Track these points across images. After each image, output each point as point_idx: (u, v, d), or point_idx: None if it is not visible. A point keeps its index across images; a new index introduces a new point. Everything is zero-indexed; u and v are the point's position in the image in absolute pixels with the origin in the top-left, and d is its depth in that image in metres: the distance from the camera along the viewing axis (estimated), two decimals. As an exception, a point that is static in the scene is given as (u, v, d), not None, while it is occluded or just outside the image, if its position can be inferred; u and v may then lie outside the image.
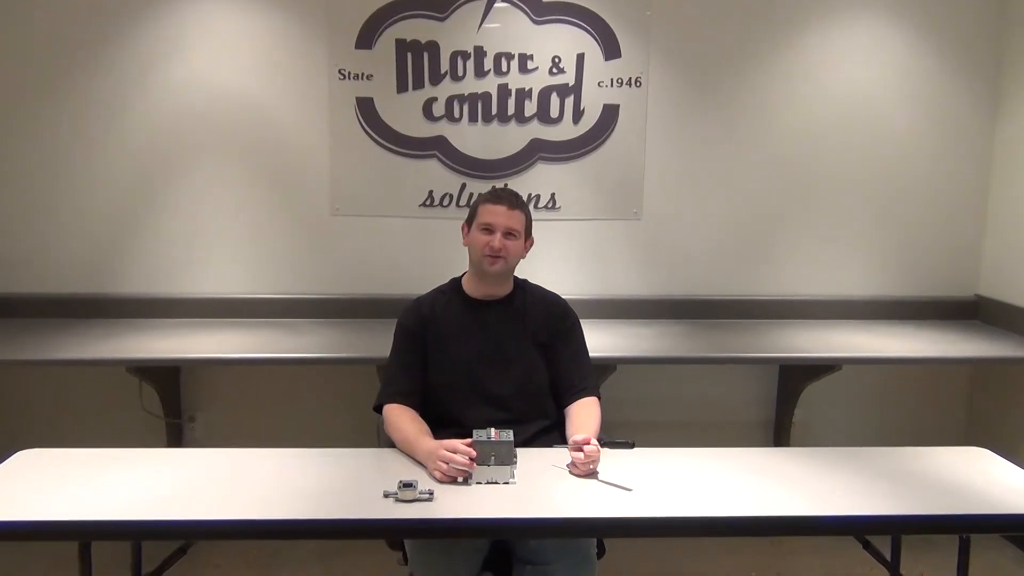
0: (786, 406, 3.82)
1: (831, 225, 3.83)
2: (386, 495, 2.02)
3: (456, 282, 2.59)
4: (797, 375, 3.72)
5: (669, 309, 3.79)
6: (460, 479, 2.10)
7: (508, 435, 2.15)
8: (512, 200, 2.47)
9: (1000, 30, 3.74)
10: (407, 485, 2.02)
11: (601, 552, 2.32)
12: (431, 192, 3.67)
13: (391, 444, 2.40)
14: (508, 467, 2.13)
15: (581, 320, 2.62)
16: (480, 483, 2.11)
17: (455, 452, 2.10)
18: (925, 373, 3.96)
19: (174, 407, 3.67)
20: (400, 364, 2.49)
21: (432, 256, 3.70)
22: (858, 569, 3.21)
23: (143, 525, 1.91)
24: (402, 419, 2.37)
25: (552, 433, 2.49)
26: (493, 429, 2.17)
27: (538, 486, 2.11)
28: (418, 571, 2.24)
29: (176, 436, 3.69)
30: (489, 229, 2.44)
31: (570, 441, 2.23)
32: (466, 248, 2.53)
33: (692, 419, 3.89)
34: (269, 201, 3.65)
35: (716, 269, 3.82)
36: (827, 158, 3.78)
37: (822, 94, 3.73)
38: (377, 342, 3.32)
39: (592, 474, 2.17)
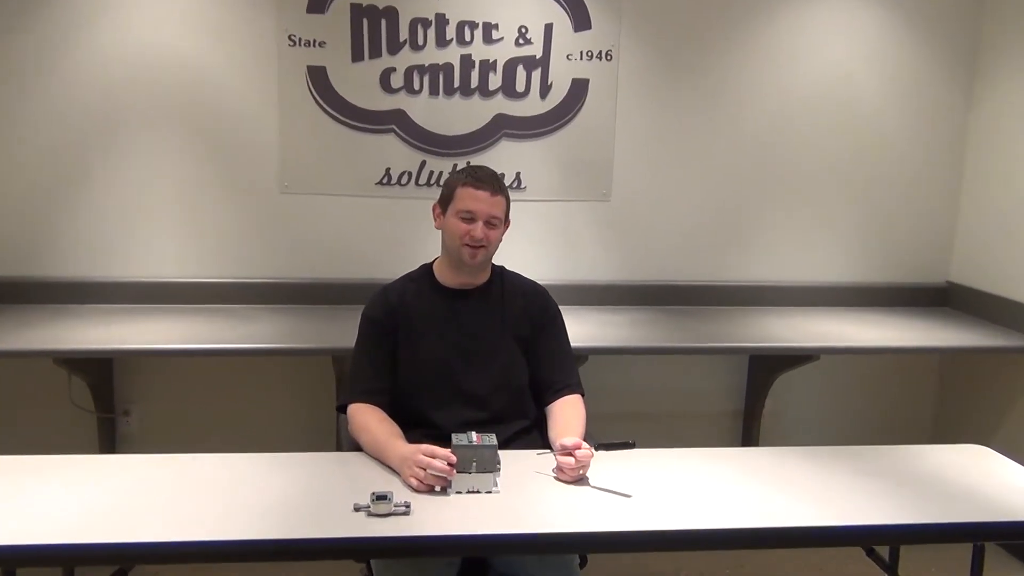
0: (757, 396, 3.69)
1: (804, 209, 3.71)
2: (357, 509, 1.80)
3: (427, 269, 2.36)
4: (768, 365, 3.59)
5: (639, 295, 3.63)
6: (438, 488, 1.89)
7: (491, 439, 1.94)
8: (495, 184, 2.24)
9: (977, 13, 3.64)
10: (381, 497, 1.80)
11: (583, 562, 2.14)
12: (388, 170, 3.42)
13: (356, 447, 2.18)
14: (491, 475, 1.93)
15: (547, 307, 2.41)
16: (460, 492, 1.91)
17: (433, 457, 1.89)
18: (895, 361, 3.87)
19: (106, 401, 3.38)
20: (367, 360, 2.26)
21: (390, 238, 3.46)
22: (851, 567, 3.11)
23: (75, 550, 1.65)
24: (370, 420, 2.15)
25: (532, 433, 2.29)
26: (474, 432, 1.96)
27: (525, 495, 1.91)
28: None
29: (109, 432, 3.40)
30: (470, 217, 2.22)
31: (556, 445, 2.04)
32: (435, 231, 2.30)
33: (660, 410, 3.74)
34: (212, 177, 3.36)
35: (686, 254, 3.67)
36: (801, 139, 3.65)
37: (797, 74, 3.59)
38: (332, 331, 3.10)
39: (581, 480, 1.98)
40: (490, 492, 1.92)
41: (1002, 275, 3.57)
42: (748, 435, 3.76)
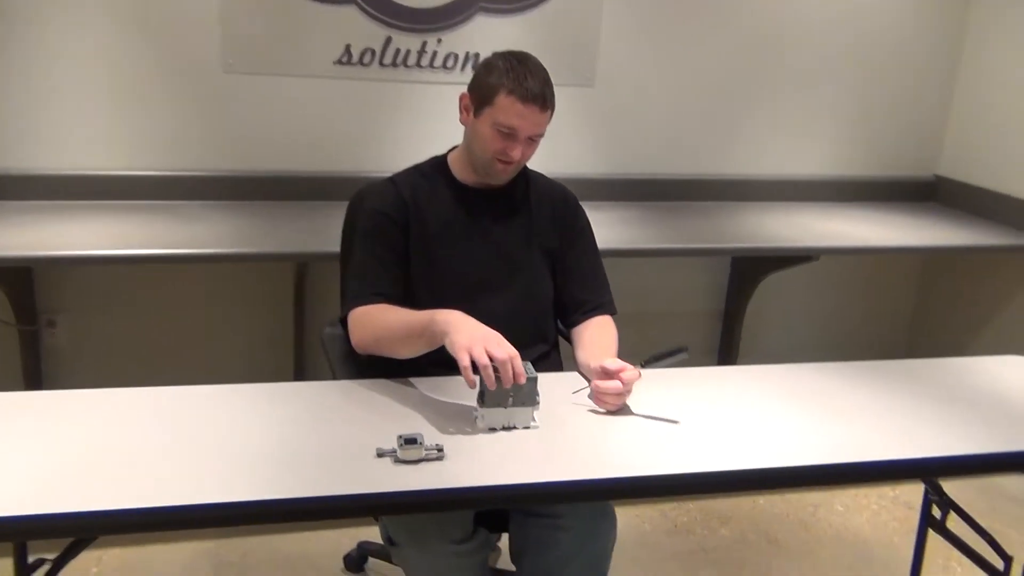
0: (740, 297, 3.51)
1: (794, 99, 3.47)
2: (381, 454, 1.52)
3: (440, 163, 2.01)
4: (752, 267, 3.41)
5: (620, 190, 3.35)
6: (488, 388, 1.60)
7: (529, 369, 1.66)
8: (546, 97, 1.84)
9: None
10: (410, 441, 1.52)
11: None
12: (348, 47, 3.00)
13: (349, 373, 1.88)
14: (530, 408, 1.66)
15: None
16: (495, 429, 1.64)
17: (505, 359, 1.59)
18: (876, 259, 3.73)
19: (27, 311, 2.95)
20: (377, 260, 1.91)
21: (351, 125, 3.07)
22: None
23: (24, 523, 1.31)
24: (389, 311, 1.83)
25: (551, 358, 2.02)
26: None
27: (567, 431, 1.66)
28: (398, 531, 1.77)
29: (32, 346, 2.98)
30: (510, 134, 1.85)
31: (593, 368, 1.78)
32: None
33: (639, 309, 3.51)
34: (143, 53, 2.88)
35: (672, 145, 3.40)
36: (794, 29, 3.37)
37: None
38: (291, 232, 2.73)
39: (623, 408, 1.74)
40: (527, 428, 1.66)
41: (991, 168, 3.44)
42: (728, 338, 3.60)
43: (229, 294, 3.13)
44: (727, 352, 3.59)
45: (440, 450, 1.53)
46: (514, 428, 1.65)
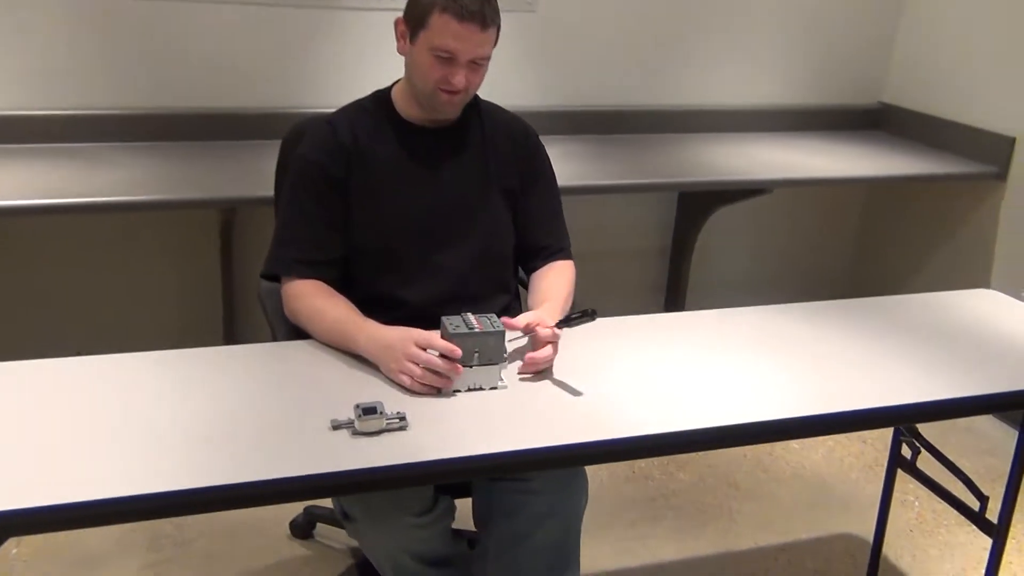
0: (687, 233, 3.40)
1: (739, 25, 3.33)
2: (336, 426, 1.36)
3: (384, 99, 1.81)
4: (699, 202, 3.30)
5: (565, 123, 3.19)
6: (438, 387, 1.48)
7: (494, 323, 1.52)
8: (485, 15, 1.63)
9: None
10: (369, 410, 1.36)
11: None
12: (271, -31, 2.75)
13: (294, 332, 1.70)
14: (496, 367, 1.52)
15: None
16: (459, 391, 1.50)
17: (429, 341, 1.47)
18: (822, 190, 3.66)
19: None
20: (306, 220, 1.73)
21: (282, 56, 2.82)
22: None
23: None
24: (321, 300, 1.67)
25: (511, 310, 1.87)
26: (471, 315, 1.53)
27: (536, 391, 1.52)
28: (353, 506, 1.63)
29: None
30: (449, 58, 1.65)
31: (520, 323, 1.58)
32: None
33: (582, 249, 3.38)
34: (34, -23, 2.59)
35: (614, 75, 3.24)
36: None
37: None
38: (215, 175, 2.51)
39: (545, 372, 1.57)
40: (495, 388, 1.52)
41: (938, 94, 3.37)
42: (675, 274, 3.50)
43: (147, 247, 2.89)
44: (675, 289, 3.50)
45: (402, 419, 1.38)
46: (480, 389, 1.51)
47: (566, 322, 1.55)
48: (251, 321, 2.86)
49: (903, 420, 1.86)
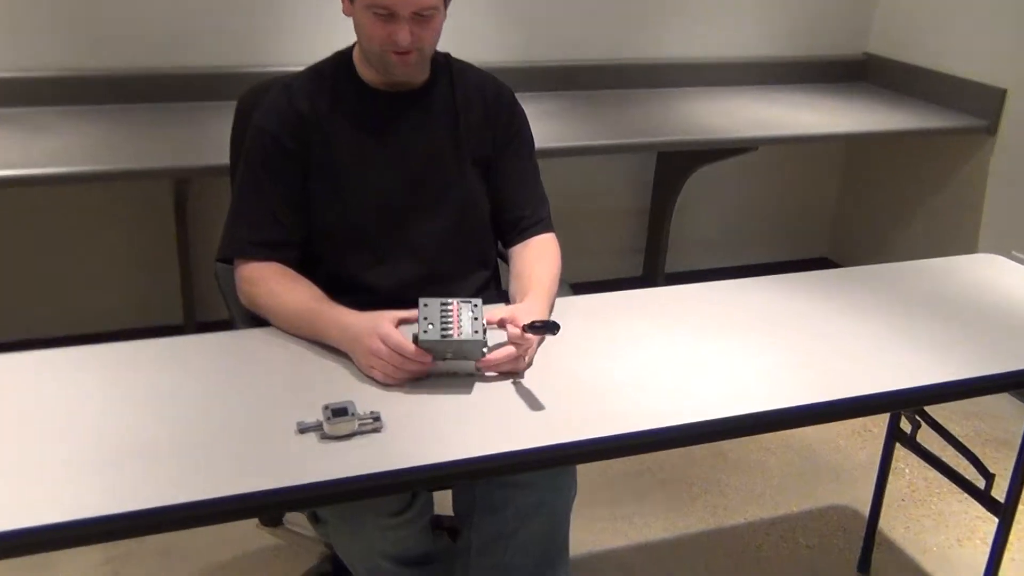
0: (666, 193, 3.28)
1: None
2: (303, 429, 1.23)
3: (343, 60, 1.64)
4: (681, 160, 3.17)
5: (536, 79, 3.03)
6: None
7: (472, 325, 1.36)
8: None
9: None
10: (339, 412, 1.23)
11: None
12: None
13: (254, 320, 1.56)
14: (471, 362, 1.38)
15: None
16: (432, 375, 1.37)
17: (399, 347, 1.32)
18: (802, 146, 3.54)
19: None
20: (260, 197, 1.58)
21: (236, 7, 2.63)
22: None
23: None
24: (280, 282, 1.52)
25: (490, 288, 1.74)
26: (453, 302, 1.39)
27: (521, 381, 1.39)
28: (323, 508, 1.51)
29: None
30: (389, 14, 1.47)
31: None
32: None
33: (555, 210, 3.26)
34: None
35: (591, 26, 3.08)
36: None
37: None
38: (166, 142, 2.34)
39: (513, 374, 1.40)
40: (471, 375, 1.39)
41: (923, 44, 3.25)
42: (656, 238, 3.38)
43: (96, 221, 2.71)
44: (654, 251, 3.38)
45: (376, 419, 1.25)
46: (455, 375, 1.38)
47: (530, 327, 1.36)
48: (212, 296, 2.70)
49: (913, 403, 1.75)
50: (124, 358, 1.39)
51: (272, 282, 1.52)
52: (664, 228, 3.32)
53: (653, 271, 3.39)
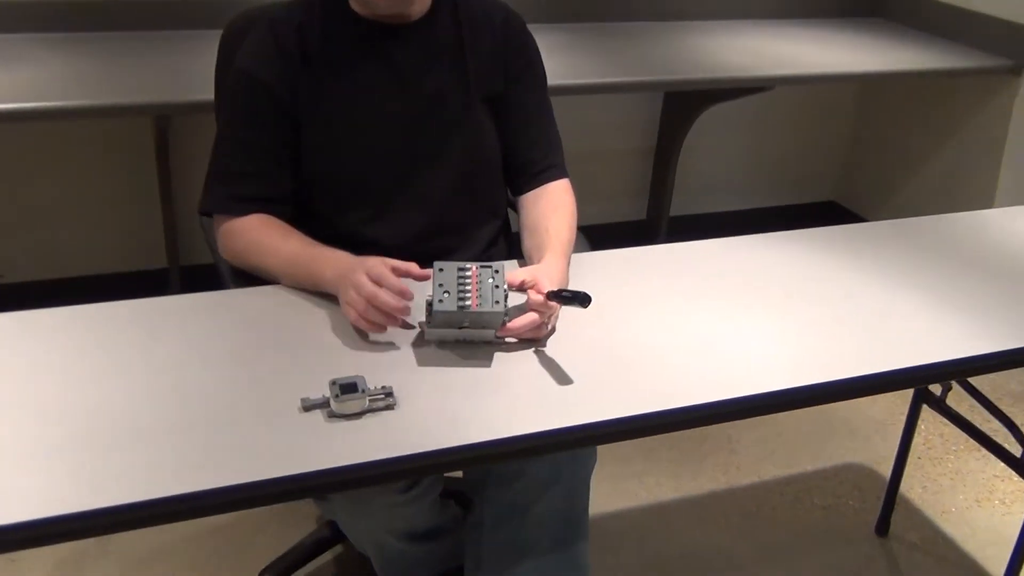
0: (673, 134, 3.13)
1: None
2: (308, 407, 1.10)
3: (333, -10, 1.48)
4: (689, 100, 3.02)
5: (538, 9, 2.85)
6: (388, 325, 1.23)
7: (494, 294, 1.21)
8: None
9: None
10: (348, 388, 1.10)
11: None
12: None
13: (243, 278, 1.43)
14: (491, 331, 1.25)
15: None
16: (447, 343, 1.25)
17: (381, 278, 1.21)
18: (811, 86, 3.39)
19: None
20: (244, 147, 1.43)
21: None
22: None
23: None
24: (267, 232, 1.39)
25: (499, 244, 1.60)
26: (472, 266, 1.25)
27: (544, 350, 1.27)
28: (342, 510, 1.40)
29: None
30: None
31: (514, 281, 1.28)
32: None
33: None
34: None
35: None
36: None
37: None
38: (145, 75, 2.17)
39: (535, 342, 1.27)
40: (489, 344, 1.26)
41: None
42: (660, 179, 3.24)
43: (71, 160, 2.54)
44: (659, 194, 3.24)
45: (389, 394, 1.12)
46: (471, 342, 1.25)
47: (557, 295, 1.24)
48: (198, 238, 2.56)
49: (958, 375, 1.64)
50: (98, 322, 1.25)
51: (258, 232, 1.40)
52: (670, 170, 3.17)
53: (657, 215, 3.25)
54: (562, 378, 1.20)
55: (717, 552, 2.03)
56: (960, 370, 1.41)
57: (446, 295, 1.20)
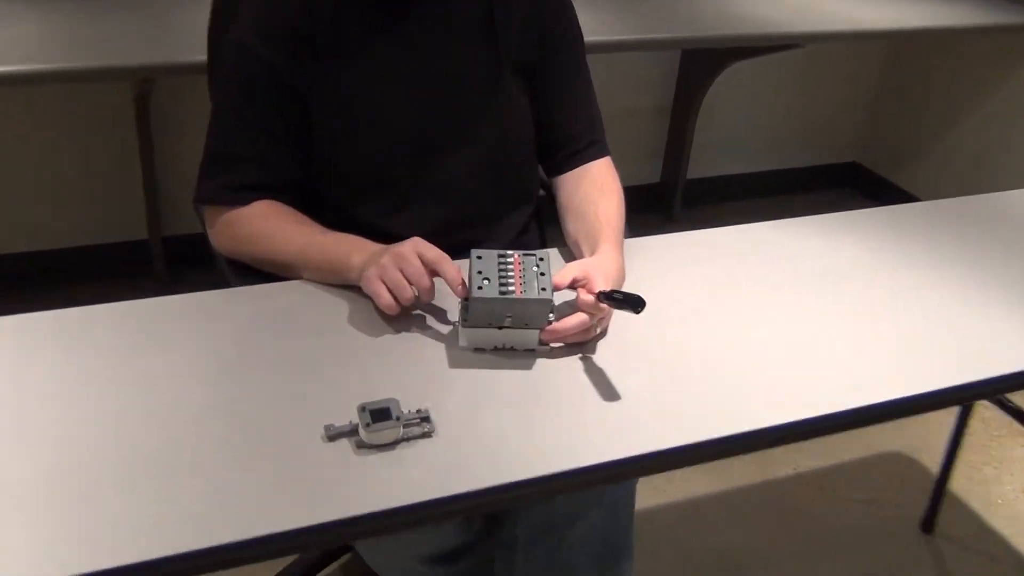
0: (692, 91, 2.95)
1: None
2: (332, 436, 0.93)
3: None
4: (709, 57, 2.84)
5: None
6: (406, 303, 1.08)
7: (538, 281, 1.05)
8: None
9: None
10: (380, 413, 0.93)
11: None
12: None
13: (246, 274, 1.25)
14: (535, 331, 1.08)
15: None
16: (484, 350, 1.08)
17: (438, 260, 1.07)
18: (835, 47, 3.21)
19: None
20: (243, 129, 1.24)
21: None
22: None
23: None
24: (274, 219, 1.22)
25: (530, 230, 1.42)
26: (518, 253, 1.08)
27: (598, 360, 1.10)
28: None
29: None
30: None
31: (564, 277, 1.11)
32: None
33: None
34: None
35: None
36: None
37: None
38: (124, 35, 1.96)
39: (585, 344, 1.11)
40: (533, 351, 1.09)
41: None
42: (676, 140, 3.06)
43: (47, 127, 2.33)
44: (676, 155, 3.07)
45: (425, 419, 0.96)
46: (509, 348, 1.09)
47: (608, 297, 1.07)
48: (180, 210, 2.38)
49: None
50: (78, 328, 1.07)
51: (264, 219, 1.22)
52: (688, 130, 3.00)
53: (674, 178, 3.08)
54: (610, 393, 1.04)
55: (753, 551, 1.89)
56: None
57: (486, 282, 1.04)
